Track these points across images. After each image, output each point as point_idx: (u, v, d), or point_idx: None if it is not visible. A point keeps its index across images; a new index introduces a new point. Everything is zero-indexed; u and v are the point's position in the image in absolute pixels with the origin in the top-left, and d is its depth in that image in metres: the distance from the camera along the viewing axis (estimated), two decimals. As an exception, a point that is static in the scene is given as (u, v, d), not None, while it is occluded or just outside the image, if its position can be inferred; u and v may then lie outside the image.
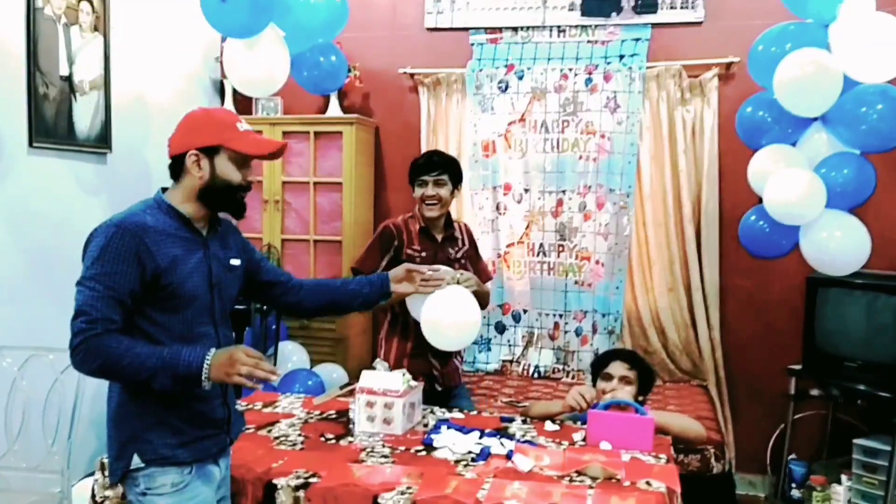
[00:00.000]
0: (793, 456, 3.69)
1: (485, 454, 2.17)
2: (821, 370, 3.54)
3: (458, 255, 2.84)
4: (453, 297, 2.34)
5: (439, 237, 2.81)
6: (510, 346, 4.35)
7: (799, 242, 3.16)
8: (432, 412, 2.57)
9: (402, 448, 2.23)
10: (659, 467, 2.10)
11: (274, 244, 4.16)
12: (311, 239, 4.29)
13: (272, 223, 4.30)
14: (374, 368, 2.45)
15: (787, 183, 2.99)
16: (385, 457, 2.15)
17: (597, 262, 4.16)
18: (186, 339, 1.72)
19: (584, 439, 2.32)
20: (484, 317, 3.74)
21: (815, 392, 3.57)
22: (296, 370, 3.79)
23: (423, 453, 2.20)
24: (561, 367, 4.26)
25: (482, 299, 2.63)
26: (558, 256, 4.23)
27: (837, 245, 3.05)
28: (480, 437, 2.29)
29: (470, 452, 2.18)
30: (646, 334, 4.15)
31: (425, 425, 2.44)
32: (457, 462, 2.13)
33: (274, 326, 3.88)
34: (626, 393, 2.53)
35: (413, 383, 2.45)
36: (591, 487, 1.96)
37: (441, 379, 2.80)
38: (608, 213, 4.12)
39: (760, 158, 3.22)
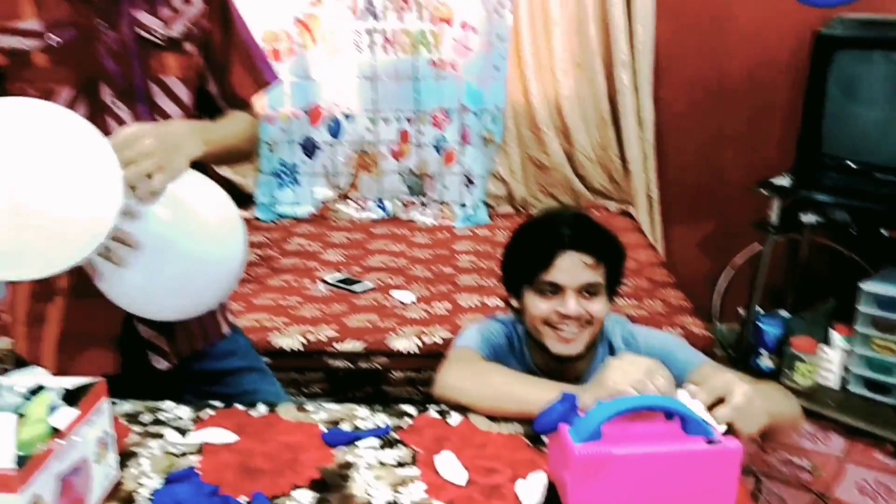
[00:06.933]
0: (759, 310, 2.53)
1: None
2: (828, 185, 2.27)
3: (177, 30, 1.06)
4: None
5: None
6: (328, 175, 2.74)
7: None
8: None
9: None
10: None
11: None
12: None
13: None
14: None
15: None
16: None
17: (463, 26, 2.56)
18: None
19: None
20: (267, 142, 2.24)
21: (809, 219, 2.32)
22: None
23: None
24: (415, 199, 2.75)
25: (241, 146, 1.16)
26: (400, 19, 2.55)
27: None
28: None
29: None
30: (541, 140, 2.72)
31: None
32: None
33: None
34: (596, 311, 1.14)
35: (65, 415, 0.82)
36: None
37: (170, 339, 1.15)
38: (481, -60, 2.44)
39: None
